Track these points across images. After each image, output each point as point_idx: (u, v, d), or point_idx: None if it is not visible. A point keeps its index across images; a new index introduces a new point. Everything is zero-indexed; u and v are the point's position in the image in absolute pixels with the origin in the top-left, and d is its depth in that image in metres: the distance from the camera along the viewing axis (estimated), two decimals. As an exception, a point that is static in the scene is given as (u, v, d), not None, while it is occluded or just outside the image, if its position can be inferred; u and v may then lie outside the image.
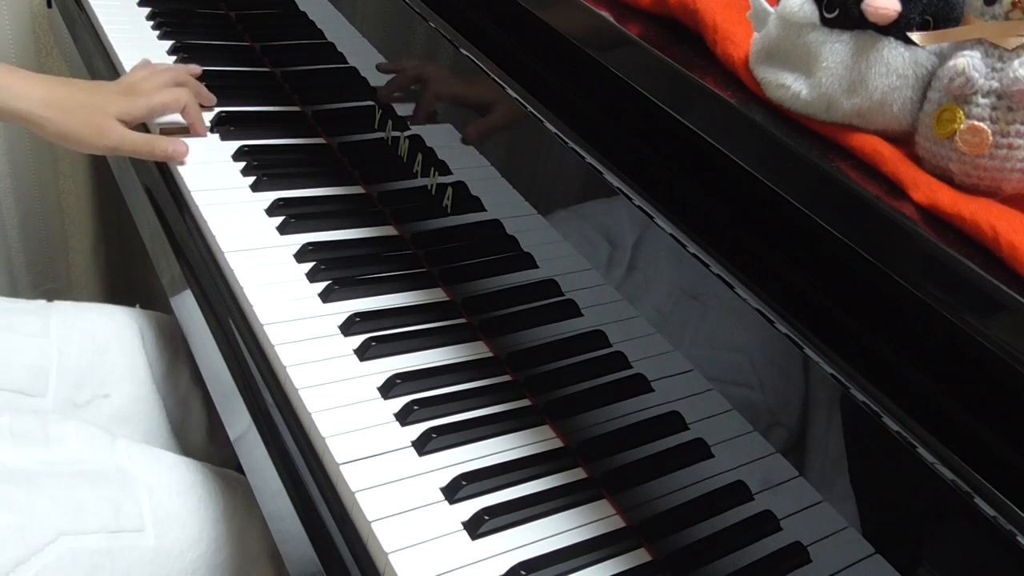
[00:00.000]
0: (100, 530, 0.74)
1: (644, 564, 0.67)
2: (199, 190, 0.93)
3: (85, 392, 0.92)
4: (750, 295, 0.57)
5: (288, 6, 1.13)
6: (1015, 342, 0.44)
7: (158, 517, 0.78)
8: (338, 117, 1.06)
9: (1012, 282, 0.45)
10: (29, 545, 0.71)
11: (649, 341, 0.67)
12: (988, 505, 0.46)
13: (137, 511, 0.77)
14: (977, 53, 0.49)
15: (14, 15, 1.39)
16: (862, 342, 0.53)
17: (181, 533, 0.79)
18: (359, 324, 0.80)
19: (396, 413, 0.74)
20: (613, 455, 0.71)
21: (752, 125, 0.56)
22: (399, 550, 0.64)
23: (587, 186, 0.70)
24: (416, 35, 0.87)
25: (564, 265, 0.74)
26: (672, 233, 0.62)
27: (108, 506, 0.76)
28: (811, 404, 0.56)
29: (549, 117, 0.72)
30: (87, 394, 0.92)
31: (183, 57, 1.13)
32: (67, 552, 0.72)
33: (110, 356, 0.95)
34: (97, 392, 0.93)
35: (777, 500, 0.59)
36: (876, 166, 0.53)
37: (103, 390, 0.93)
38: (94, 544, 0.74)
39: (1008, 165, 0.50)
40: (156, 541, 0.77)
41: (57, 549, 0.72)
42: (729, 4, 0.63)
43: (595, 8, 0.68)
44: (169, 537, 0.78)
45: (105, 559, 0.74)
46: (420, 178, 0.90)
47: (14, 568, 0.70)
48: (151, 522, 0.78)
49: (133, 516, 0.77)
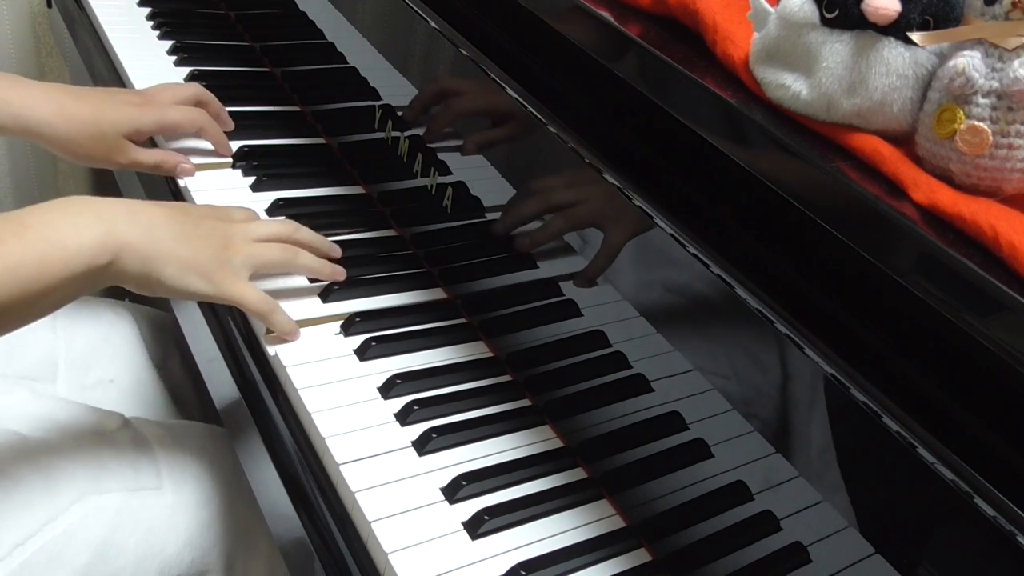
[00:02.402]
0: (121, 489, 0.78)
1: (644, 564, 0.67)
2: (199, 190, 0.93)
3: (92, 377, 0.95)
4: (749, 295, 0.58)
5: (288, 6, 1.13)
6: (1015, 342, 0.44)
7: (174, 475, 0.82)
8: (338, 117, 1.06)
9: (1012, 282, 0.45)
10: (55, 504, 0.74)
11: (649, 341, 0.67)
12: (988, 505, 0.46)
13: (154, 470, 0.81)
14: (977, 53, 0.49)
15: (14, 15, 1.39)
16: (862, 342, 0.53)
17: (196, 490, 0.83)
18: (359, 324, 0.80)
19: (396, 413, 0.74)
20: (613, 455, 0.71)
21: (752, 125, 0.56)
22: (399, 550, 0.64)
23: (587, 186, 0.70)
24: (416, 35, 0.87)
25: (564, 265, 0.74)
26: (672, 233, 0.62)
27: (127, 466, 0.80)
28: (811, 404, 0.56)
29: (549, 117, 0.72)
30: (93, 379, 0.95)
31: (183, 57, 1.13)
32: (91, 510, 0.75)
33: (111, 346, 0.98)
34: (103, 377, 0.96)
35: (777, 500, 0.59)
36: (876, 166, 0.53)
37: (108, 375, 0.96)
38: (116, 502, 0.77)
39: (1008, 165, 0.50)
40: (173, 497, 0.81)
41: (82, 508, 0.75)
42: (729, 4, 0.63)
43: (595, 8, 0.68)
44: (185, 494, 0.82)
45: (127, 516, 0.77)
46: (420, 178, 0.90)
47: (41, 527, 0.73)
48: (167, 480, 0.82)
49: (151, 475, 0.81)
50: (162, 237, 0.69)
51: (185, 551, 0.80)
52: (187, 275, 0.70)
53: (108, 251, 0.65)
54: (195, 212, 0.76)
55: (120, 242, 0.66)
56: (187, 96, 0.96)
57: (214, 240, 0.73)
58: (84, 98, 0.89)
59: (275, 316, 0.76)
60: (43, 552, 0.72)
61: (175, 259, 0.70)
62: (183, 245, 0.71)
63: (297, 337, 0.78)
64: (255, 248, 0.76)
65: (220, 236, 0.74)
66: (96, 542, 0.75)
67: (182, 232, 0.71)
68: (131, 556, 0.77)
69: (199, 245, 0.72)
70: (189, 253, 0.71)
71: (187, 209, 0.75)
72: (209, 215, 0.76)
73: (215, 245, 0.73)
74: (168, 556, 0.79)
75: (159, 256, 0.69)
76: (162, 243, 0.69)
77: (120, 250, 0.66)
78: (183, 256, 0.70)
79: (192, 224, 0.73)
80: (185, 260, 0.70)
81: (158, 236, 0.69)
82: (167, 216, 0.71)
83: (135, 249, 0.67)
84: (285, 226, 0.81)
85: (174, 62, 1.13)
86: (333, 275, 0.83)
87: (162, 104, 0.93)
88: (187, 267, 0.70)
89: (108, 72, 1.12)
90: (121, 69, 1.10)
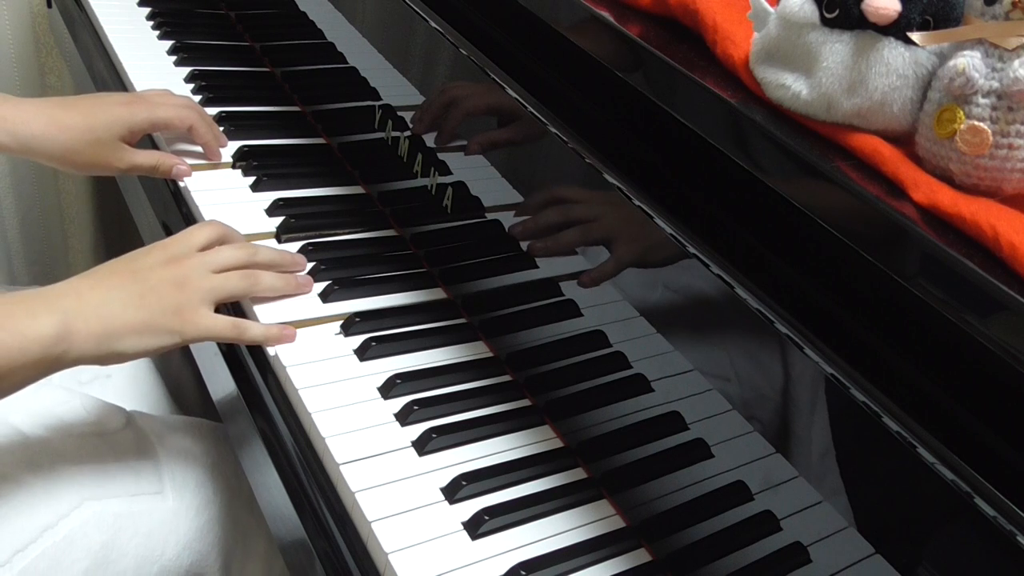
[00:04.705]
0: (122, 494, 0.78)
1: (644, 564, 0.67)
2: (199, 190, 0.93)
3: (87, 372, 0.95)
4: (749, 295, 0.58)
5: (288, 6, 1.13)
6: (1015, 342, 0.44)
7: (175, 480, 0.82)
8: (338, 117, 1.06)
9: (1012, 282, 0.45)
10: (56, 510, 0.74)
11: (649, 341, 0.67)
12: (988, 505, 0.46)
13: (156, 475, 0.81)
14: (977, 53, 0.49)
15: (14, 15, 1.39)
16: (862, 342, 0.53)
17: (197, 494, 0.83)
18: (359, 324, 0.80)
19: (396, 413, 0.74)
20: (613, 455, 0.71)
21: (752, 125, 0.56)
22: (399, 550, 0.64)
23: (587, 186, 0.70)
24: (416, 35, 0.87)
25: (564, 265, 0.74)
26: (672, 233, 0.62)
27: (128, 471, 0.80)
28: (811, 404, 0.56)
29: (549, 117, 0.72)
30: (89, 374, 0.95)
31: (183, 57, 1.13)
32: (92, 516, 0.76)
33: None
34: (99, 373, 0.96)
35: (777, 500, 0.59)
36: (876, 166, 0.53)
37: (104, 371, 0.97)
38: (117, 507, 0.77)
39: (1008, 165, 0.50)
40: (175, 502, 0.81)
41: (82, 513, 0.75)
42: (729, 4, 0.63)
43: (595, 8, 0.68)
44: (187, 498, 0.82)
45: (128, 522, 0.78)
46: (420, 178, 0.90)
47: (41, 533, 0.73)
48: (169, 485, 0.82)
49: (152, 480, 0.81)
50: (113, 312, 0.69)
51: (184, 554, 0.81)
52: (146, 338, 0.70)
53: (62, 342, 0.66)
54: (146, 263, 0.74)
55: (72, 329, 0.66)
56: (180, 101, 0.96)
57: (167, 289, 0.72)
58: (74, 106, 0.89)
59: (250, 333, 0.75)
60: (44, 558, 0.72)
61: (131, 329, 0.69)
62: (137, 310, 0.70)
63: (291, 339, 0.77)
64: (213, 281, 0.74)
65: (173, 282, 0.73)
66: (96, 548, 0.75)
67: (133, 296, 0.71)
68: (130, 561, 0.77)
69: (152, 301, 0.71)
70: (144, 316, 0.70)
71: (136, 266, 0.74)
72: (160, 261, 0.74)
73: (170, 294, 0.72)
74: (167, 560, 0.79)
75: (113, 333, 0.69)
76: (115, 318, 0.69)
77: (73, 338, 0.66)
78: (139, 321, 0.70)
79: (141, 282, 0.72)
80: (141, 325, 0.70)
81: (109, 312, 0.69)
82: (116, 287, 0.71)
83: (88, 334, 0.67)
84: (243, 250, 0.79)
85: (174, 62, 1.13)
86: (299, 289, 0.82)
87: (153, 102, 0.93)
88: (144, 331, 0.70)
89: (108, 72, 1.12)
90: (121, 69, 1.10)
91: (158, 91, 0.98)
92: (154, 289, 0.72)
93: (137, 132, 0.92)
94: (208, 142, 0.96)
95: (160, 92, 0.97)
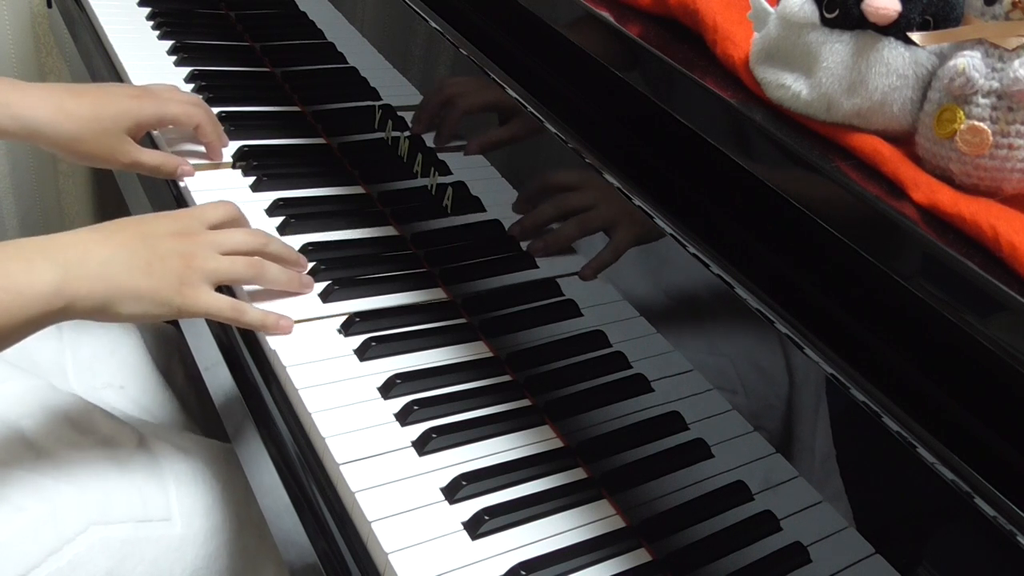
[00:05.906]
0: (129, 519, 0.76)
1: (644, 564, 0.67)
2: (199, 190, 0.93)
3: (101, 380, 0.94)
4: (749, 295, 0.58)
5: (288, 6, 1.13)
6: (1015, 342, 0.44)
7: (184, 506, 0.80)
8: (338, 117, 1.06)
9: (1012, 282, 0.45)
10: (60, 535, 0.72)
11: (649, 341, 0.67)
12: (988, 505, 0.46)
13: (164, 501, 0.79)
14: (977, 53, 0.49)
15: (14, 15, 1.39)
16: (862, 342, 0.53)
17: (206, 521, 0.81)
18: (359, 324, 0.80)
19: (396, 413, 0.74)
20: (613, 455, 0.71)
21: (752, 125, 0.56)
22: (399, 550, 0.64)
23: (587, 185, 0.70)
24: (416, 35, 0.87)
25: (564, 265, 0.74)
26: (672, 233, 0.62)
27: (136, 496, 0.77)
28: (811, 404, 0.56)
29: (549, 117, 0.72)
30: (103, 382, 0.94)
31: (183, 57, 1.13)
32: (97, 541, 0.73)
33: (117, 356, 0.97)
34: (112, 383, 0.95)
35: (777, 500, 0.59)
36: (876, 166, 0.53)
37: (117, 382, 0.95)
38: (123, 533, 0.75)
39: (1008, 165, 0.50)
40: (183, 529, 0.79)
41: (88, 539, 0.73)
42: (729, 4, 0.63)
43: (595, 8, 0.68)
44: (195, 525, 0.80)
45: (134, 548, 0.75)
46: (420, 178, 0.90)
47: (46, 558, 0.71)
48: (178, 511, 0.79)
49: (160, 506, 0.78)
50: (118, 273, 0.68)
51: None
52: (145, 305, 0.69)
53: (62, 297, 0.65)
54: (156, 231, 0.73)
55: (74, 287, 0.65)
56: (188, 98, 0.96)
57: (174, 260, 0.71)
58: (83, 95, 0.88)
59: (247, 316, 0.75)
60: None
61: (132, 293, 0.68)
62: (141, 277, 0.69)
63: (288, 330, 0.77)
64: (220, 262, 0.74)
65: (181, 254, 0.72)
66: (101, 574, 0.73)
67: (140, 260, 0.69)
68: None
69: (158, 270, 0.70)
70: (147, 283, 0.69)
71: (147, 230, 0.72)
72: (171, 231, 0.73)
73: (176, 265, 0.71)
74: None
75: (115, 295, 0.68)
76: (118, 280, 0.68)
77: (75, 294, 0.66)
78: (141, 288, 0.69)
79: (150, 248, 0.71)
80: (143, 291, 0.69)
81: (113, 272, 0.68)
82: (124, 246, 0.70)
83: (89, 291, 0.66)
84: (254, 237, 0.78)
85: (174, 62, 1.13)
86: (301, 287, 0.82)
87: (162, 97, 0.93)
88: (144, 298, 0.69)
89: (108, 72, 1.12)
90: (121, 69, 1.10)
91: (166, 86, 0.97)
92: (162, 259, 0.71)
93: (144, 126, 0.91)
94: (212, 142, 0.96)
95: (168, 87, 0.96)
